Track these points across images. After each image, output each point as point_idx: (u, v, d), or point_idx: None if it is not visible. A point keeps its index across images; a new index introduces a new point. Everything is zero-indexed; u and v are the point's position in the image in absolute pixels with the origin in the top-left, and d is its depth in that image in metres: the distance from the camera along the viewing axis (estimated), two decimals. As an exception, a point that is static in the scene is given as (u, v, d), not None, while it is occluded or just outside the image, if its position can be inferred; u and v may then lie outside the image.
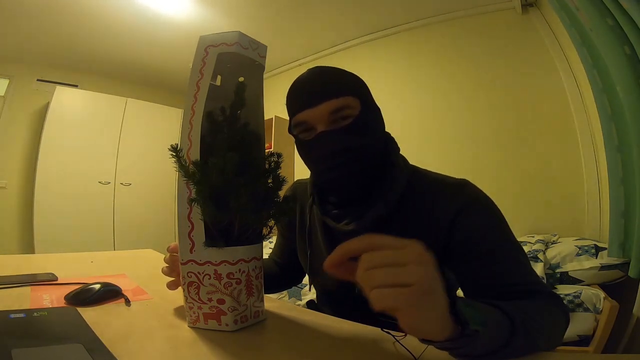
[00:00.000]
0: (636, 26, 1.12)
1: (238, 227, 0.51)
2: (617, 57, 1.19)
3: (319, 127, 0.59)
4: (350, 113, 0.59)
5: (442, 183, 0.63)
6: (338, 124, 0.59)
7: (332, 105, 0.58)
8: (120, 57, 3.37)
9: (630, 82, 1.16)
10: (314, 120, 0.59)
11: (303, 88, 0.61)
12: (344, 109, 0.58)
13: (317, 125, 0.59)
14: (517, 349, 0.41)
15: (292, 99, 0.62)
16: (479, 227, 0.57)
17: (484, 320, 0.37)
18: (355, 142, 0.58)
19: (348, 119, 0.59)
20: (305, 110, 0.59)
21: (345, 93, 0.59)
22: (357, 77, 0.64)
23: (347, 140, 0.58)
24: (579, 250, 1.50)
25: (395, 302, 0.30)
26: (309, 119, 0.60)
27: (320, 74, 0.61)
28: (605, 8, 1.21)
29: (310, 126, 0.60)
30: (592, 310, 1.26)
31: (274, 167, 0.55)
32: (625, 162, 1.28)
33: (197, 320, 0.52)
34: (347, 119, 0.59)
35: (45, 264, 0.95)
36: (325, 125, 0.59)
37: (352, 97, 0.59)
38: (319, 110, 0.58)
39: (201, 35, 0.56)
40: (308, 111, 0.59)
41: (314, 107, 0.58)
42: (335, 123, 0.59)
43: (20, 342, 0.42)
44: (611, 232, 1.33)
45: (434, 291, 0.31)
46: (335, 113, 0.58)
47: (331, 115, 0.58)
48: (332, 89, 0.59)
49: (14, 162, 3.29)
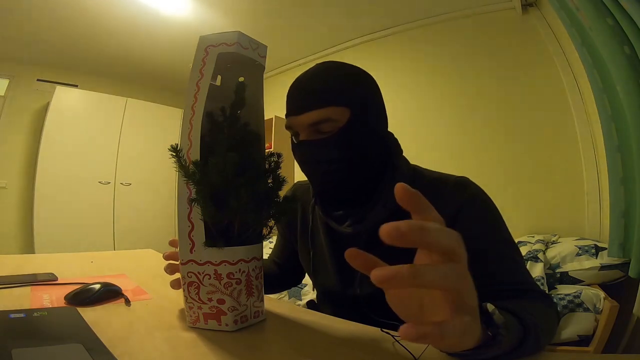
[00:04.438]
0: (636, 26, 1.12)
1: (238, 227, 0.51)
2: (617, 57, 1.19)
3: (302, 135, 0.60)
4: (329, 128, 0.58)
5: (442, 181, 0.63)
6: (317, 135, 0.59)
7: (311, 118, 0.58)
8: (120, 57, 3.37)
9: (630, 82, 1.16)
10: (297, 128, 0.61)
11: (293, 92, 0.61)
12: (323, 122, 0.57)
13: (300, 133, 0.61)
14: (526, 350, 0.42)
15: (287, 100, 0.63)
16: (477, 226, 0.57)
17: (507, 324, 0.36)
18: (336, 155, 0.58)
19: (328, 133, 0.58)
20: (291, 116, 0.61)
21: (332, 103, 0.57)
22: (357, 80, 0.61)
23: (325, 152, 0.58)
24: (579, 250, 1.50)
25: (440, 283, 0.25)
26: (293, 125, 0.61)
27: (316, 77, 0.60)
28: (605, 8, 1.21)
29: (295, 132, 0.62)
30: (592, 310, 1.26)
31: (274, 167, 0.55)
32: (625, 162, 1.28)
33: (197, 320, 0.52)
34: (327, 132, 0.58)
35: (45, 264, 0.95)
36: (306, 135, 0.60)
37: (342, 106, 0.57)
38: (300, 120, 0.59)
39: (201, 35, 0.56)
40: (292, 118, 0.60)
41: (297, 115, 0.59)
42: (315, 134, 0.59)
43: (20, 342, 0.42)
44: (611, 232, 1.33)
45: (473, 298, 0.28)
46: (314, 125, 0.58)
47: (310, 127, 0.59)
48: (318, 99, 0.57)
49: (14, 162, 3.29)
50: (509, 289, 0.53)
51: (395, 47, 2.87)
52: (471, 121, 2.42)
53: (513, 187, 2.15)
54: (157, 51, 3.24)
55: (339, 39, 3.08)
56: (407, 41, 2.81)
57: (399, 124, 2.35)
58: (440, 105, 2.59)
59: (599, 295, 1.29)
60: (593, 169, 1.84)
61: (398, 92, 2.76)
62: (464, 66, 2.49)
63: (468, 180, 0.62)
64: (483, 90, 2.38)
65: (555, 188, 2.02)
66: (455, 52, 2.54)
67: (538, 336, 0.43)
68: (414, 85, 2.75)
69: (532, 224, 2.02)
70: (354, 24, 2.83)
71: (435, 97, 2.63)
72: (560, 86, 2.02)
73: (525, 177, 2.15)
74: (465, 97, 2.47)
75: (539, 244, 1.65)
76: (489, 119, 2.34)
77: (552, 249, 1.60)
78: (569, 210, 1.95)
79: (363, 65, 0.65)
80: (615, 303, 1.23)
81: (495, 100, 2.32)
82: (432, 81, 2.66)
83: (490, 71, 2.36)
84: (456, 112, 2.50)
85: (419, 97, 2.71)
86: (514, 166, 2.20)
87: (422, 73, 2.72)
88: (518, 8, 2.21)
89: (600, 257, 1.43)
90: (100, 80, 3.75)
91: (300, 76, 0.62)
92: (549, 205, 2.04)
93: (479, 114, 2.39)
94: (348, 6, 2.56)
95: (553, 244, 1.69)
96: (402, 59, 2.84)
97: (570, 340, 1.23)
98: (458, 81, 2.51)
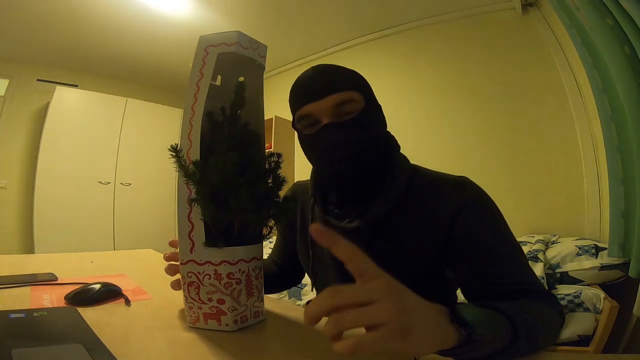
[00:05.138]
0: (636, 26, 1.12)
1: (238, 227, 0.51)
2: (617, 57, 1.19)
3: (324, 119, 0.60)
4: (354, 107, 0.60)
5: (442, 181, 0.63)
6: (342, 117, 0.59)
7: (337, 99, 0.59)
8: (120, 57, 3.37)
9: (630, 82, 1.16)
10: (318, 113, 0.60)
11: (308, 83, 0.61)
12: (348, 103, 0.59)
13: (322, 118, 0.60)
14: (521, 349, 0.42)
15: (296, 93, 0.63)
16: (478, 226, 0.57)
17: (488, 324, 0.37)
18: (359, 135, 0.59)
19: (352, 113, 0.59)
20: (310, 103, 0.60)
21: (349, 87, 0.60)
22: (359, 74, 0.65)
23: (350, 133, 0.59)
24: (579, 250, 1.50)
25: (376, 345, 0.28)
26: (313, 111, 0.60)
27: (325, 70, 0.62)
28: (605, 8, 1.21)
29: (314, 119, 0.61)
30: (592, 310, 1.26)
31: (274, 167, 0.55)
32: (625, 162, 1.28)
33: (197, 320, 0.52)
34: (351, 113, 0.59)
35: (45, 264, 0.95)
36: (330, 118, 0.59)
37: (356, 92, 0.60)
38: (324, 103, 0.59)
39: (201, 35, 0.56)
40: (313, 104, 0.60)
41: (319, 100, 0.59)
42: (339, 116, 0.59)
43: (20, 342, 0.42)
44: (611, 232, 1.33)
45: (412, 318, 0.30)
46: (340, 106, 0.59)
47: (336, 108, 0.59)
48: (337, 83, 0.60)
49: (14, 162, 3.29)
50: (510, 289, 0.53)
51: (395, 47, 2.87)
52: (471, 121, 2.42)
53: (513, 187, 2.15)
54: (157, 51, 3.24)
55: (339, 39, 3.08)
56: (407, 41, 2.81)
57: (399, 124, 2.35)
58: (440, 105, 2.59)
59: (599, 295, 1.29)
60: (593, 169, 1.84)
61: (398, 92, 2.76)
62: (463, 66, 2.49)
63: (468, 180, 0.62)
64: (483, 90, 2.38)
65: (555, 188, 2.02)
66: (455, 52, 2.54)
67: (533, 336, 0.43)
68: (413, 85, 2.75)
69: (532, 224, 2.02)
70: (354, 24, 2.83)
71: (434, 97, 2.63)
72: (560, 86, 2.02)
73: (525, 177, 2.15)
74: (464, 97, 2.47)
75: (539, 244, 1.65)
76: (488, 119, 2.34)
77: (552, 249, 1.60)
78: (569, 210, 1.95)
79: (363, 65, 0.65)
80: (615, 303, 1.23)
81: (495, 100, 2.32)
82: (432, 81, 2.66)
83: (490, 71, 2.36)
84: (456, 112, 2.50)
85: (418, 97, 2.70)
86: (514, 166, 2.20)
87: (422, 73, 2.72)
88: (518, 8, 2.21)
89: (600, 257, 1.43)
90: (100, 80, 3.74)
91: (303, 74, 0.63)
92: (549, 205, 2.04)
93: (479, 113, 2.39)
94: (348, 6, 2.56)
95: (553, 244, 1.69)
96: (402, 59, 2.84)
97: (570, 340, 1.23)
98: (458, 81, 2.51)
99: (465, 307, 0.37)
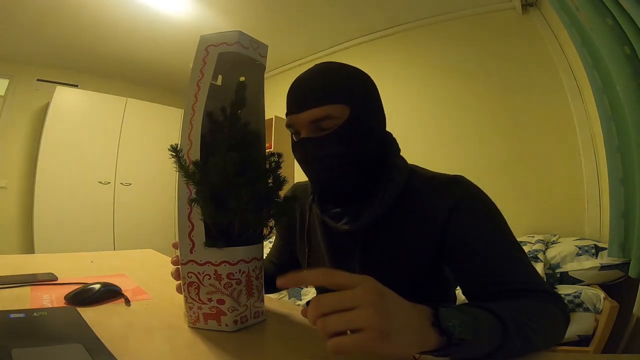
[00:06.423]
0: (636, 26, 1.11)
1: (238, 227, 0.51)
2: (617, 57, 1.19)
3: (302, 132, 0.60)
4: (331, 124, 0.58)
5: (436, 180, 0.62)
6: (318, 133, 0.59)
7: (312, 115, 0.58)
8: (120, 57, 3.37)
9: (630, 82, 1.16)
10: (298, 126, 0.61)
11: (296, 91, 0.61)
12: (323, 120, 0.58)
13: (301, 130, 0.61)
14: (515, 349, 0.42)
15: (287, 99, 0.63)
16: (474, 224, 0.57)
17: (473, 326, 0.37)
18: (336, 151, 0.58)
19: (328, 129, 0.58)
20: (291, 114, 0.61)
21: (331, 101, 0.57)
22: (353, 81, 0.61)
23: (327, 148, 0.58)
24: (579, 250, 1.50)
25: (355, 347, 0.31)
26: (294, 123, 0.61)
27: (315, 77, 0.60)
28: (605, 8, 1.21)
29: (296, 130, 0.62)
30: (592, 310, 1.26)
31: (274, 167, 0.55)
32: (625, 162, 1.28)
33: (197, 320, 0.52)
34: (327, 129, 0.58)
35: (45, 264, 0.95)
36: (307, 133, 0.60)
37: (342, 104, 0.57)
38: (301, 118, 0.59)
39: (202, 35, 0.56)
40: (293, 116, 0.60)
41: (298, 114, 0.59)
42: (316, 131, 0.59)
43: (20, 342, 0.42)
44: (611, 232, 1.33)
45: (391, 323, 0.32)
46: (315, 123, 0.58)
47: (312, 124, 0.59)
48: (318, 97, 0.58)
49: (14, 162, 3.29)
50: (510, 288, 0.52)
51: (395, 47, 2.87)
52: (471, 121, 2.42)
53: (513, 187, 2.15)
54: (157, 51, 3.24)
55: (339, 39, 3.07)
56: (407, 41, 2.81)
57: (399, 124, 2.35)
58: (440, 105, 2.59)
59: (599, 295, 1.29)
60: (593, 169, 1.84)
61: (398, 92, 2.76)
62: (463, 66, 2.49)
63: (462, 178, 0.62)
64: (482, 90, 2.38)
65: (555, 188, 2.02)
66: (455, 52, 2.54)
67: (527, 336, 0.42)
68: (413, 85, 2.75)
69: (532, 224, 2.02)
70: (354, 24, 2.83)
71: (434, 97, 2.63)
72: (560, 86, 2.02)
73: (525, 177, 2.15)
74: (464, 97, 2.47)
75: (539, 244, 1.65)
76: (488, 119, 2.34)
77: (552, 249, 1.60)
78: (569, 210, 1.95)
79: (363, 65, 0.65)
80: (615, 303, 1.24)
81: (495, 100, 2.32)
82: (432, 81, 2.66)
83: (490, 71, 2.36)
84: (456, 111, 2.50)
85: (418, 97, 2.70)
86: (514, 166, 2.20)
87: (422, 73, 2.72)
88: (518, 8, 2.21)
89: (600, 257, 1.43)
90: (100, 80, 3.74)
91: (300, 76, 0.62)
92: (549, 205, 2.04)
93: (479, 113, 2.39)
94: (348, 6, 2.55)
95: (553, 244, 1.69)
96: (402, 59, 2.84)
97: (570, 340, 1.23)
98: (458, 81, 2.51)
99: (449, 310, 0.37)
